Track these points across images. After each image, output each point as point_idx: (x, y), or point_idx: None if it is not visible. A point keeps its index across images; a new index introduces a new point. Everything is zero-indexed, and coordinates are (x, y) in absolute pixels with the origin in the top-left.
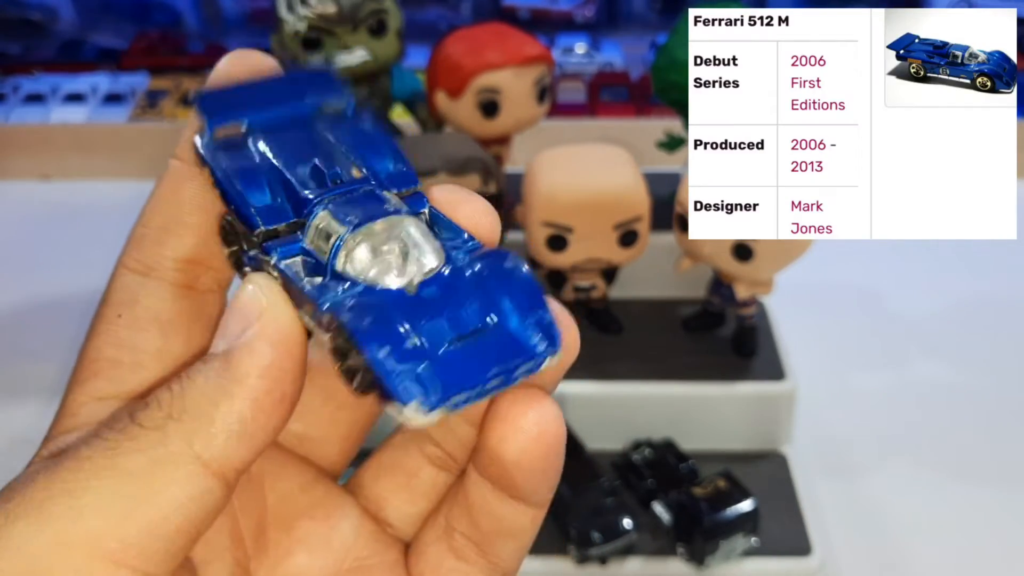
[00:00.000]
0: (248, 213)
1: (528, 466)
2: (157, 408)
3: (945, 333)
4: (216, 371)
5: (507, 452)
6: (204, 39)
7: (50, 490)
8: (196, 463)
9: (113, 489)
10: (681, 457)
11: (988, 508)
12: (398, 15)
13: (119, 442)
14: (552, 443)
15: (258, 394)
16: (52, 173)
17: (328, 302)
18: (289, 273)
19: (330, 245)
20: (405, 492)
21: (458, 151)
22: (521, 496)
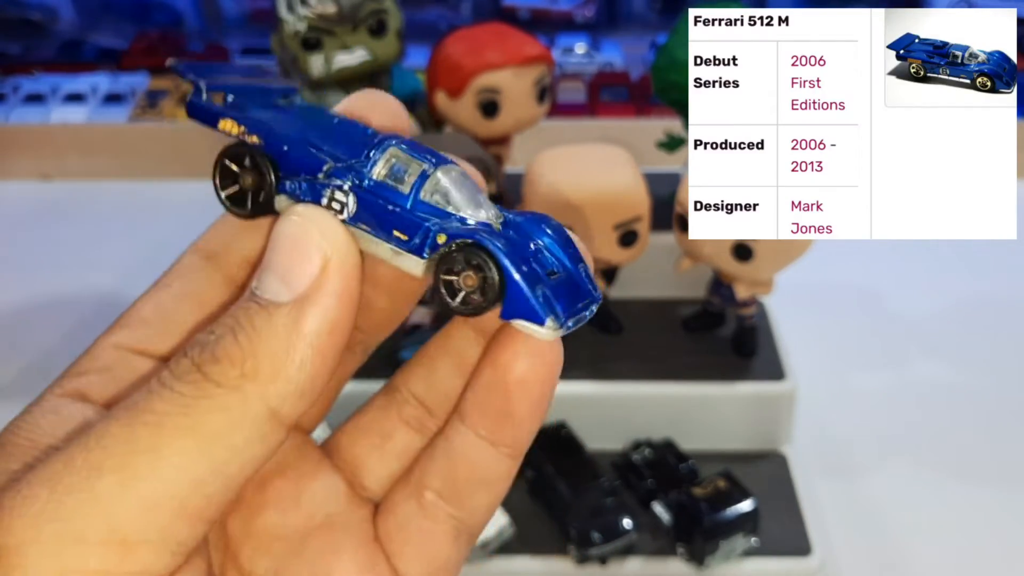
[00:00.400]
0: (321, 153)
1: (531, 385)
2: (230, 365)
3: (945, 333)
4: (285, 326)
5: (515, 369)
6: (204, 39)
7: (134, 446)
8: (273, 419)
9: (197, 450)
10: (681, 457)
11: (988, 508)
12: (398, 15)
13: (197, 400)
14: (552, 367)
15: (326, 350)
16: (52, 173)
17: (438, 225)
18: (371, 195)
19: (412, 176)
20: (378, 453)
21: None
22: (509, 432)
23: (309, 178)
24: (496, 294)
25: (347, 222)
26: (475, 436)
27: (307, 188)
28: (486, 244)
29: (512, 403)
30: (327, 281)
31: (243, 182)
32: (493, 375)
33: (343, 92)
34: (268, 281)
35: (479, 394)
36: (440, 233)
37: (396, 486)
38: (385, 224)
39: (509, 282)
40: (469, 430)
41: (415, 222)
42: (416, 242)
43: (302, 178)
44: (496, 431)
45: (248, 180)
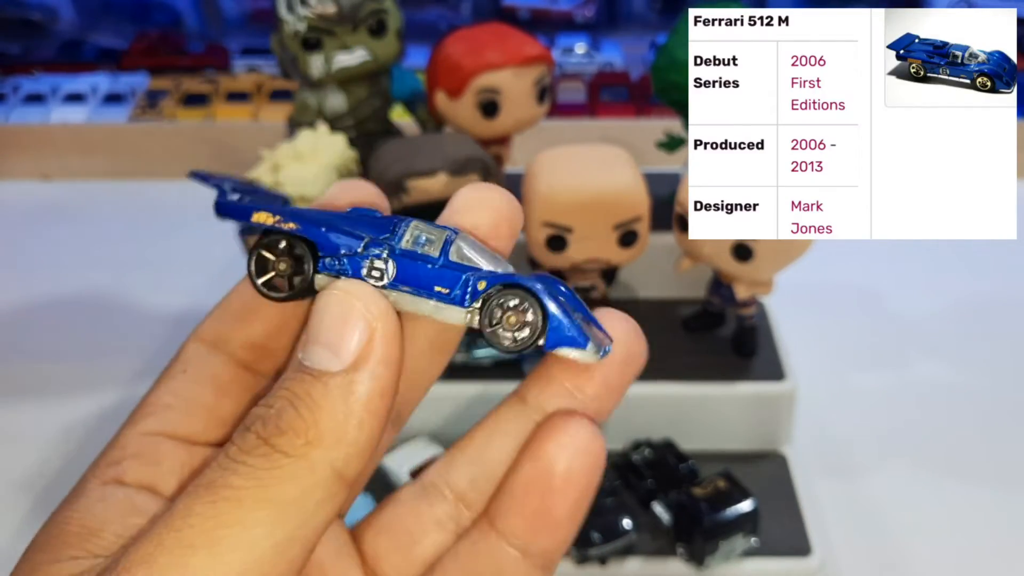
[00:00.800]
0: (352, 232)
1: (576, 480)
2: (295, 435)
3: (945, 333)
4: (342, 394)
5: (561, 461)
6: (204, 39)
7: (218, 520)
8: (339, 482)
9: (275, 518)
10: (681, 457)
11: (988, 508)
12: (398, 15)
13: (270, 471)
14: (597, 462)
15: (379, 412)
16: (52, 173)
17: (476, 275)
18: (407, 259)
19: (438, 243)
20: (402, 556)
21: (458, 151)
22: (545, 536)
23: (348, 253)
24: (540, 327)
25: (387, 287)
26: (505, 543)
27: (348, 262)
28: (525, 284)
29: (553, 500)
30: (375, 349)
31: (278, 268)
32: (534, 469)
33: (343, 92)
34: (317, 353)
35: (515, 491)
36: (480, 280)
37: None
38: (426, 283)
39: (549, 315)
40: (499, 536)
41: (453, 276)
42: (457, 293)
43: (341, 254)
44: (530, 535)
45: (283, 266)
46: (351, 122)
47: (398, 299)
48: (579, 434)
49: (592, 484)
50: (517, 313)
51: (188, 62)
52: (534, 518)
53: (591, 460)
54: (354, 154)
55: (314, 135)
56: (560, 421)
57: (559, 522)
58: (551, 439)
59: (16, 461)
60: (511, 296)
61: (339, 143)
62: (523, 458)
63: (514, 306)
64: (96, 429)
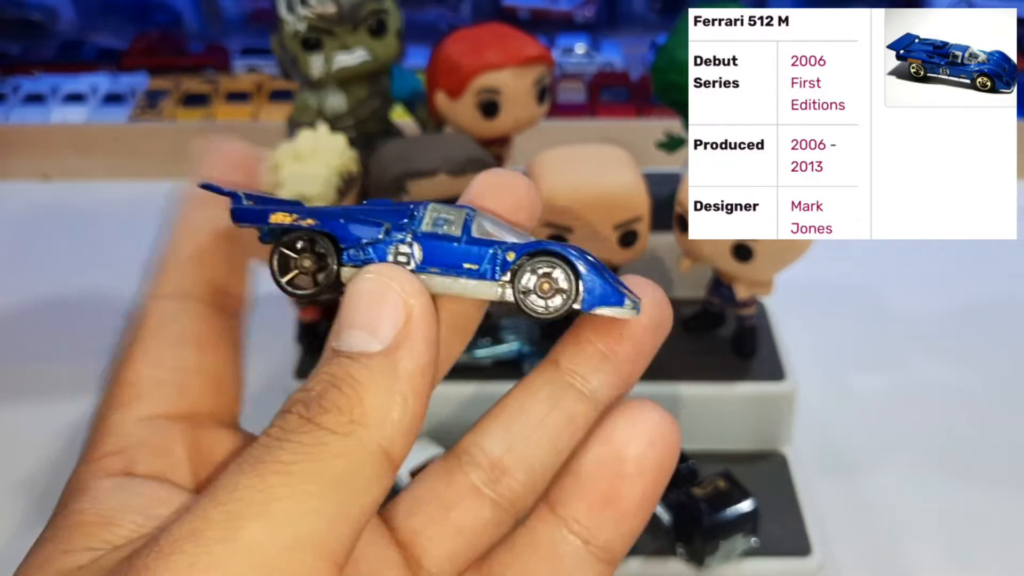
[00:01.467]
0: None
1: (649, 466)
2: (339, 413)
3: (945, 333)
4: (384, 373)
5: (635, 445)
6: (204, 39)
7: (268, 493)
8: (387, 460)
9: (327, 493)
10: (681, 457)
11: (988, 508)
12: (398, 15)
13: (318, 447)
14: (673, 450)
15: (421, 390)
16: (52, 173)
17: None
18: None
19: (458, 222)
20: (438, 527)
21: (458, 151)
22: (611, 525)
23: (371, 241)
24: (575, 291)
25: (416, 270)
26: (566, 530)
27: (372, 250)
28: (555, 248)
29: (623, 486)
30: (414, 328)
31: (302, 266)
32: (604, 451)
33: (343, 92)
34: (354, 336)
35: (581, 474)
36: (508, 252)
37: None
38: (453, 261)
39: (582, 276)
40: (560, 522)
41: (481, 251)
42: (487, 267)
43: (363, 243)
44: (595, 523)
45: (307, 263)
46: (351, 122)
47: (427, 281)
48: (654, 418)
49: (666, 475)
50: (549, 279)
51: (188, 62)
52: (601, 505)
53: (666, 448)
54: (354, 154)
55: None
56: (634, 404)
57: (627, 511)
58: (624, 420)
59: (16, 461)
60: (542, 263)
61: (339, 143)
62: (592, 440)
63: (546, 272)
64: None
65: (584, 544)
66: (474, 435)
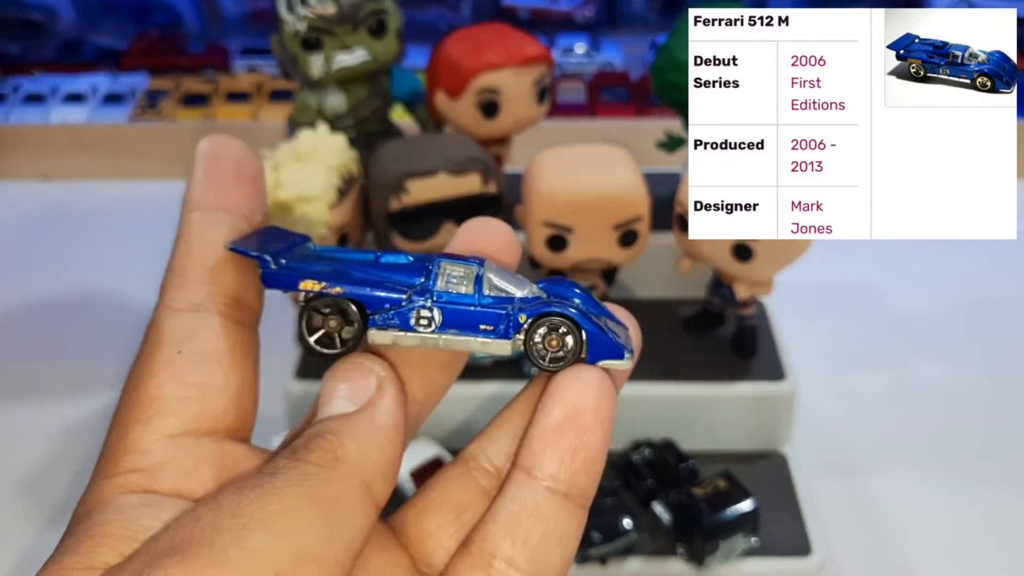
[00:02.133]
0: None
1: (605, 414)
2: (323, 452)
3: (945, 333)
4: (361, 424)
5: (590, 399)
6: (204, 39)
7: (268, 509)
8: (368, 495)
9: (320, 513)
10: (681, 457)
11: (988, 508)
12: (398, 15)
13: (307, 476)
14: (614, 399)
15: (397, 443)
16: (52, 173)
17: (515, 310)
18: (453, 301)
19: (469, 279)
20: (453, 527)
21: (458, 151)
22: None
23: (395, 307)
24: (580, 346)
25: (437, 331)
26: (544, 489)
27: (396, 316)
28: (561, 311)
29: (589, 436)
30: (385, 392)
31: (328, 326)
32: (565, 409)
33: (343, 92)
34: (336, 404)
35: (548, 436)
36: (520, 314)
37: (456, 559)
38: (471, 324)
39: (589, 335)
40: (538, 482)
41: (496, 316)
42: (501, 328)
43: (388, 309)
44: (569, 474)
45: (332, 324)
46: (351, 122)
47: (448, 341)
48: (596, 376)
49: (612, 426)
50: (558, 337)
51: (188, 62)
52: (572, 457)
53: (611, 398)
54: (354, 154)
55: (314, 135)
56: (572, 370)
57: (594, 457)
58: (576, 381)
59: (16, 461)
60: (550, 324)
61: (339, 143)
62: (548, 404)
63: (554, 332)
64: (96, 429)
65: (565, 496)
66: (481, 443)
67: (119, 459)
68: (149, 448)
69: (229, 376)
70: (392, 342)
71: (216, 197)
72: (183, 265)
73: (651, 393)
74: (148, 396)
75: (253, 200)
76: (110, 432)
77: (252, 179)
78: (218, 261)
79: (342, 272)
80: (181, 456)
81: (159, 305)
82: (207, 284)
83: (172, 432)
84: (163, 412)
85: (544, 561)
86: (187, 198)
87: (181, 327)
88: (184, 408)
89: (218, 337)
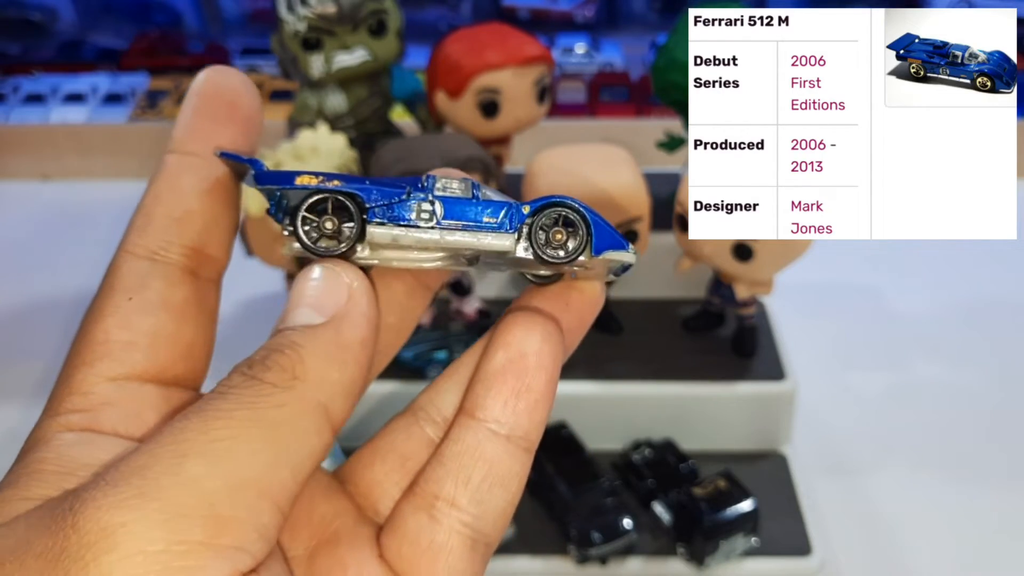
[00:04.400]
0: (391, 184)
1: (548, 358)
2: (281, 371)
3: (945, 333)
4: (325, 339)
5: (533, 342)
6: (204, 39)
7: (211, 435)
8: (324, 415)
9: (265, 438)
10: (681, 457)
11: (988, 508)
12: (398, 15)
13: (259, 398)
14: (560, 345)
15: (362, 360)
16: (52, 173)
17: (517, 202)
18: (454, 197)
19: (466, 187)
20: (399, 475)
21: (458, 151)
22: (526, 415)
23: (395, 200)
24: (588, 237)
25: (437, 225)
26: (488, 431)
27: (397, 208)
28: (566, 201)
29: (531, 378)
30: (355, 305)
31: (323, 227)
32: (507, 353)
33: (343, 92)
34: (301, 313)
35: (492, 378)
36: (523, 205)
37: (401, 501)
38: (473, 216)
39: (594, 224)
40: (481, 424)
41: (498, 206)
42: (504, 220)
43: (389, 202)
44: (512, 416)
45: (329, 224)
46: (351, 122)
47: (449, 236)
48: (540, 321)
49: (558, 366)
50: (563, 229)
51: (188, 62)
52: (515, 399)
53: (556, 343)
54: (354, 154)
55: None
56: (522, 314)
57: (537, 400)
58: (518, 327)
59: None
60: (555, 214)
61: (339, 143)
62: (492, 348)
63: (559, 223)
64: None
65: (507, 439)
66: (430, 393)
67: (62, 399)
68: (91, 390)
69: (179, 326)
70: (392, 240)
71: (199, 140)
72: (150, 210)
73: (651, 393)
74: (95, 339)
75: (240, 145)
76: (60, 373)
77: (245, 120)
78: (186, 209)
79: (339, 175)
80: (123, 399)
81: (120, 247)
82: (169, 233)
83: (115, 375)
84: (108, 356)
85: (486, 502)
86: (172, 136)
87: (136, 273)
88: (129, 354)
89: (172, 287)
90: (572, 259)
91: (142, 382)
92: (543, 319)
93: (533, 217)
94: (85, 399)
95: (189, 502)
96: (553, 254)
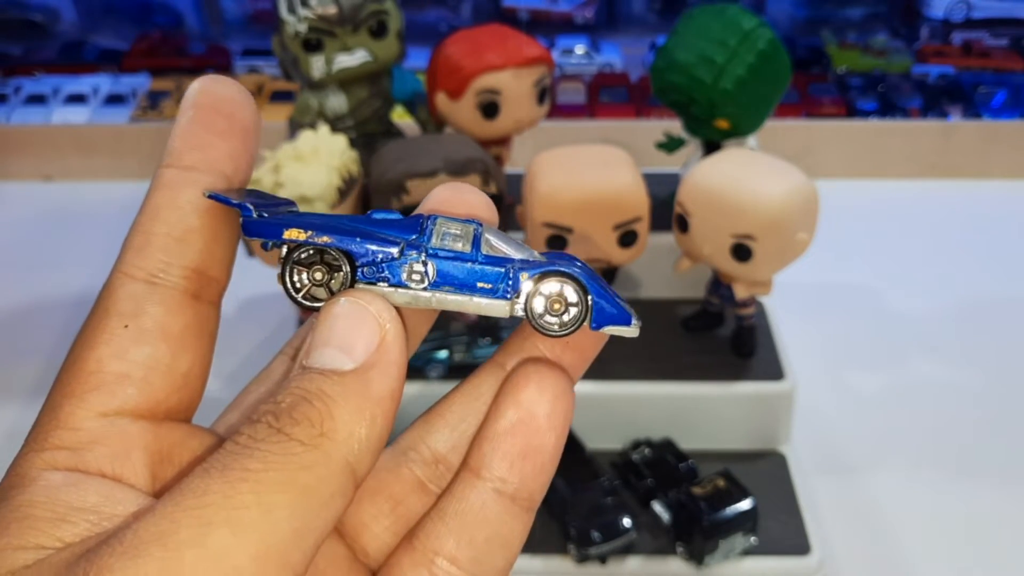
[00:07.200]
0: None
1: (558, 420)
2: (310, 426)
3: (945, 333)
4: (355, 390)
5: (543, 404)
6: (205, 40)
7: (236, 500)
8: (351, 476)
9: (294, 503)
10: (681, 457)
11: (988, 508)
12: (398, 16)
13: (287, 458)
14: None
15: (390, 412)
16: (54, 174)
17: (515, 269)
18: (446, 259)
19: (467, 237)
20: (388, 519)
21: (458, 152)
22: (532, 478)
23: (386, 260)
24: (586, 310)
25: (430, 288)
26: (493, 491)
27: (387, 268)
28: (565, 270)
29: (540, 440)
30: (387, 351)
31: (314, 278)
32: (517, 413)
33: (344, 93)
34: (329, 355)
35: (500, 437)
36: (521, 272)
37: (399, 553)
38: (468, 281)
39: (595, 297)
40: (486, 484)
41: (495, 273)
42: (500, 287)
43: (379, 261)
44: (517, 477)
45: (318, 275)
46: (352, 123)
47: (442, 298)
48: (555, 380)
49: (567, 426)
50: (560, 299)
51: (189, 63)
52: (522, 460)
53: (567, 403)
54: (354, 155)
55: (315, 136)
56: (534, 370)
57: (544, 462)
58: (530, 385)
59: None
60: (553, 283)
61: (340, 144)
62: (502, 406)
63: (557, 293)
64: None
65: (512, 499)
66: (420, 431)
67: (48, 433)
68: (80, 425)
69: (177, 357)
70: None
71: (197, 153)
72: (147, 228)
73: (651, 393)
74: (86, 369)
75: (238, 158)
76: (46, 401)
77: (242, 132)
78: (185, 229)
79: (330, 223)
80: (113, 437)
81: (116, 267)
82: (169, 253)
83: (106, 410)
84: (99, 388)
85: (487, 562)
86: (167, 149)
87: (132, 297)
88: (122, 387)
89: (170, 314)
90: (568, 333)
91: (133, 418)
92: (555, 376)
93: (533, 282)
94: (73, 435)
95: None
96: (548, 325)
